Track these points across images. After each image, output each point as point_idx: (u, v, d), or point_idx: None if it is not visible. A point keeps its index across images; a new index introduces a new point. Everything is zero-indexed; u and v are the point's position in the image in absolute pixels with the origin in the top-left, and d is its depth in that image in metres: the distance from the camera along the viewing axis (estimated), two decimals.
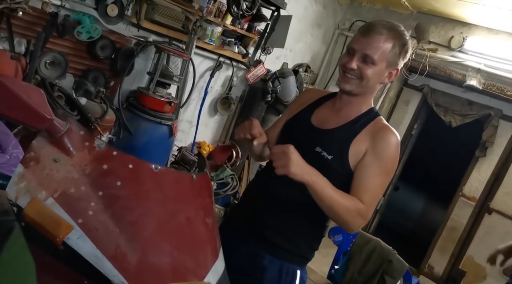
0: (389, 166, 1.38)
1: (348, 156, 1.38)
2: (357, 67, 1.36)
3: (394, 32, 1.36)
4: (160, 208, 1.02)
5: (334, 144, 1.40)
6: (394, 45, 1.35)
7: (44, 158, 0.94)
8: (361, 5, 4.99)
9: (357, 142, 1.39)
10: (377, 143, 1.37)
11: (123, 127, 3.05)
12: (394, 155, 1.38)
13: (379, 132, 1.39)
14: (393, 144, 1.38)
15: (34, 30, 2.58)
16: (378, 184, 1.37)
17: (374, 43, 1.34)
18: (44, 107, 0.94)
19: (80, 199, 0.93)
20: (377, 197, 1.38)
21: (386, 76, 1.40)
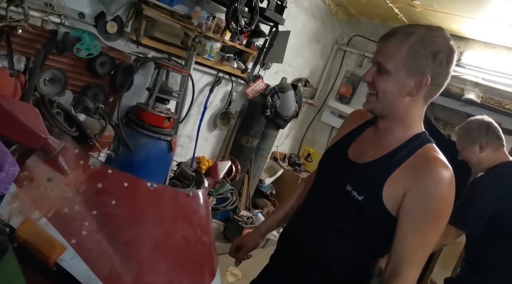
0: (441, 213, 1.10)
1: (383, 198, 1.13)
2: (372, 79, 1.17)
3: (408, 32, 1.14)
4: (156, 226, 1.01)
5: (366, 182, 1.17)
6: (411, 47, 1.12)
7: (39, 177, 0.94)
8: (359, 21, 5.03)
9: (394, 180, 1.14)
10: (419, 181, 1.10)
11: (122, 143, 3.05)
12: (445, 196, 1.10)
13: (423, 167, 1.12)
14: (443, 181, 1.09)
15: (34, 48, 2.59)
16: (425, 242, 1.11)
17: (386, 49, 1.15)
18: (39, 126, 0.94)
19: (74, 219, 0.92)
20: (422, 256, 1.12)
21: (412, 87, 1.15)
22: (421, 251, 1.11)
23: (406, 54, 1.13)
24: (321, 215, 1.24)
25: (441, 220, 1.11)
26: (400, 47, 1.13)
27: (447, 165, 1.12)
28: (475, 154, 2.11)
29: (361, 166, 1.21)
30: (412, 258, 1.11)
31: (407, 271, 1.10)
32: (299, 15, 4.42)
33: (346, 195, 1.18)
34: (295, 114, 4.57)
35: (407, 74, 1.14)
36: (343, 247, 1.21)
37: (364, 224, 1.17)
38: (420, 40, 1.13)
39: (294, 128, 5.16)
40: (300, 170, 4.93)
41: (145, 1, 2.98)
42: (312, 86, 5.14)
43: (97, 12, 2.87)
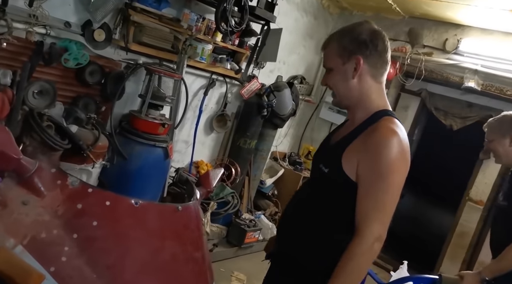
0: (387, 171, 1.23)
1: (343, 167, 1.29)
2: (325, 83, 1.40)
3: (334, 34, 1.39)
4: (141, 247, 0.94)
5: (330, 156, 1.37)
6: (338, 41, 1.34)
7: (12, 202, 0.87)
8: (351, 14, 4.96)
9: (350, 150, 1.31)
10: (367, 148, 1.26)
11: (117, 153, 2.99)
12: (389, 158, 1.23)
13: (371, 135, 1.28)
14: (387, 145, 1.23)
15: (20, 60, 2.53)
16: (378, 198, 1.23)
17: (325, 55, 1.39)
18: (9, 146, 0.88)
19: (52, 244, 0.86)
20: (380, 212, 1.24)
21: (351, 70, 1.33)
22: (374, 210, 1.23)
23: (336, 48, 1.34)
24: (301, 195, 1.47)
25: (388, 180, 1.23)
26: (332, 46, 1.36)
27: (395, 130, 1.27)
28: (504, 147, 2.14)
29: (331, 145, 1.43)
30: (368, 217, 1.23)
31: (365, 229, 1.23)
32: (290, 11, 4.35)
33: (319, 172, 1.38)
34: (293, 112, 4.50)
35: (342, 62, 1.33)
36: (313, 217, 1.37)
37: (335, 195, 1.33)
38: (342, 32, 1.36)
39: (292, 126, 5.09)
40: (301, 169, 4.86)
41: (132, 7, 2.92)
42: (309, 83, 5.07)
43: (84, 21, 2.81)
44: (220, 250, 3.65)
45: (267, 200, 4.67)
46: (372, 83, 1.36)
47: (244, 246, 3.84)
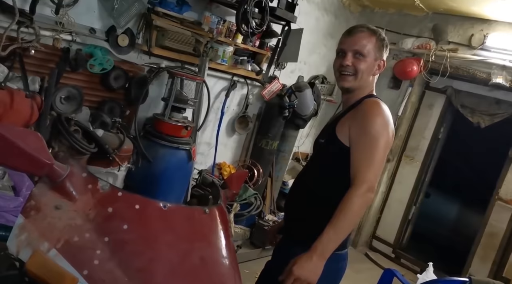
0: (372, 129, 1.46)
1: (337, 135, 1.54)
2: (351, 63, 1.54)
3: (372, 30, 1.58)
4: (171, 250, 0.95)
5: (326, 130, 1.65)
6: (376, 40, 1.56)
7: (45, 206, 0.89)
8: (373, 11, 4.89)
9: (342, 122, 1.56)
10: (354, 115, 1.53)
11: (141, 156, 3.03)
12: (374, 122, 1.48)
13: (359, 107, 1.54)
14: (372, 112, 1.50)
15: (47, 67, 2.60)
16: (367, 153, 1.45)
17: (359, 40, 1.55)
18: (42, 152, 0.90)
19: (85, 248, 0.87)
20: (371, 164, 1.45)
21: (376, 68, 1.59)
22: (366, 164, 1.45)
23: (375, 43, 1.56)
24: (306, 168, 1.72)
25: (375, 139, 1.46)
26: (371, 39, 1.56)
27: (378, 102, 1.54)
28: None
29: (328, 124, 1.70)
30: (361, 170, 1.44)
31: (359, 179, 1.43)
32: (311, 11, 4.32)
33: (318, 145, 1.65)
34: (314, 113, 4.47)
35: (375, 58, 1.57)
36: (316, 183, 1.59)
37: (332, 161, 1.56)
38: (378, 33, 1.59)
39: (314, 126, 5.05)
40: None
41: (154, 11, 2.96)
42: (330, 83, 5.02)
43: (108, 27, 2.86)
44: (244, 251, 3.65)
45: None
46: (374, 80, 1.65)
47: (268, 247, 3.83)
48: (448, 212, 6.02)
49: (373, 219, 4.87)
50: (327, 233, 1.39)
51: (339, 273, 1.67)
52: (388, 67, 4.66)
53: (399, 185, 4.81)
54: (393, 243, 4.78)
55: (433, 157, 4.73)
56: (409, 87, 4.55)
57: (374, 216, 4.87)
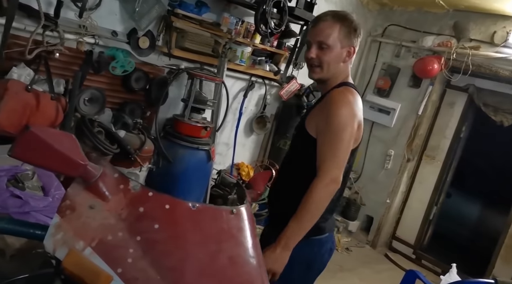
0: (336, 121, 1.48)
1: (305, 127, 1.58)
2: (316, 55, 1.54)
3: (338, 16, 1.55)
4: (200, 250, 0.96)
5: (300, 123, 1.66)
6: (341, 27, 1.53)
7: (80, 206, 0.92)
8: (392, 9, 4.83)
9: (312, 114, 1.60)
10: (323, 106, 1.54)
11: (162, 156, 3.07)
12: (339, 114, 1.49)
13: (326, 99, 1.56)
14: (337, 104, 1.50)
15: (71, 70, 2.66)
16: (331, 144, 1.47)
17: (322, 30, 1.53)
18: (77, 153, 0.92)
19: (118, 247, 0.89)
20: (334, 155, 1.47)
21: (345, 56, 1.57)
22: (330, 156, 1.46)
23: (338, 32, 1.52)
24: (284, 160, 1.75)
25: (339, 131, 1.47)
26: (334, 27, 1.52)
27: (344, 92, 1.53)
28: None
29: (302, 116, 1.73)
30: (325, 162, 1.46)
31: (323, 171, 1.46)
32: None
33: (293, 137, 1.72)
34: None
35: (341, 46, 1.54)
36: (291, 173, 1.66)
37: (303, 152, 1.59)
38: (343, 19, 1.54)
39: None
40: None
41: (174, 13, 3.00)
42: None
43: (129, 29, 2.91)
44: None
45: None
46: (348, 66, 1.63)
47: None
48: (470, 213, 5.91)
49: (392, 219, 4.81)
50: (291, 225, 1.44)
51: (323, 257, 1.69)
52: (408, 65, 4.61)
53: (420, 185, 4.75)
54: (413, 244, 4.72)
55: (454, 156, 4.65)
56: (429, 86, 4.49)
57: (394, 216, 4.82)
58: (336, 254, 4.35)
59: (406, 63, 4.65)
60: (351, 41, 1.56)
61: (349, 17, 1.57)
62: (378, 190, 4.81)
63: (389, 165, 4.76)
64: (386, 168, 4.78)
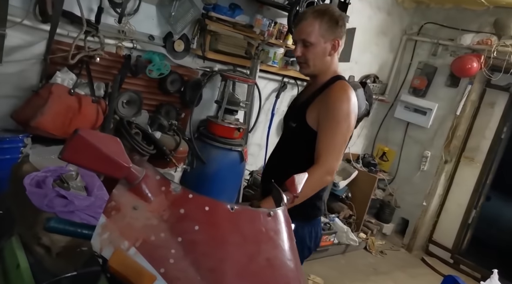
0: (338, 116, 1.57)
1: (306, 120, 1.64)
2: (301, 53, 1.63)
3: (318, 12, 1.61)
4: (239, 251, 0.98)
5: (297, 114, 1.70)
6: (321, 23, 1.59)
7: (124, 207, 0.95)
8: (428, 7, 4.70)
9: (312, 106, 1.64)
10: (323, 101, 1.61)
11: (196, 157, 3.13)
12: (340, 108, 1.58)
13: (328, 92, 1.62)
14: (339, 98, 1.58)
15: (111, 73, 2.75)
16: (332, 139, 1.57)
17: (304, 29, 1.61)
18: (121, 156, 0.95)
19: (161, 247, 0.92)
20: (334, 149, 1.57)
21: (330, 49, 1.64)
22: (331, 146, 1.56)
23: (318, 28, 1.59)
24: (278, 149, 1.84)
25: (338, 123, 1.57)
26: (314, 25, 1.59)
27: (345, 88, 1.62)
28: None
29: (297, 106, 1.75)
30: (324, 151, 1.56)
31: (321, 162, 1.55)
32: (363, 9, 4.24)
33: (289, 128, 1.74)
34: (366, 113, 4.33)
35: (324, 41, 1.62)
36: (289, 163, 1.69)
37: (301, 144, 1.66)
38: (321, 13, 1.60)
39: (366, 127, 4.95)
40: (375, 170, 4.71)
41: (208, 16, 3.04)
42: (382, 82, 4.90)
43: (165, 33, 2.98)
44: None
45: (341, 202, 4.59)
46: (335, 57, 1.70)
47: (320, 249, 3.80)
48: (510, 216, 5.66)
49: (429, 222, 4.68)
50: None
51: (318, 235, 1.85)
52: (445, 64, 4.47)
53: (458, 187, 4.60)
54: (451, 248, 4.58)
55: (495, 158, 4.46)
56: (468, 85, 4.34)
57: (431, 219, 4.68)
58: (370, 256, 4.28)
59: (444, 62, 4.52)
60: (334, 34, 1.62)
61: (329, 10, 1.63)
62: (413, 192, 4.70)
63: (426, 167, 4.64)
64: (422, 169, 4.66)
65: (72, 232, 0.99)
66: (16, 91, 2.45)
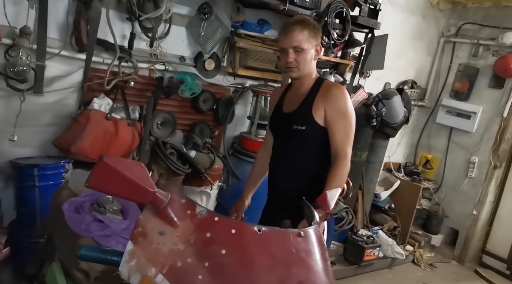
0: (347, 111, 1.80)
1: (315, 120, 1.81)
2: (293, 59, 1.80)
3: (304, 22, 1.80)
4: (269, 274, 0.94)
5: (302, 117, 1.85)
6: (308, 31, 1.79)
7: (151, 232, 0.95)
8: (465, 7, 4.51)
9: (315, 106, 1.82)
10: (329, 99, 1.81)
11: (231, 174, 3.13)
12: (345, 102, 1.81)
13: (328, 91, 1.83)
14: (341, 95, 1.81)
15: (145, 96, 2.82)
16: (346, 131, 1.79)
17: (294, 37, 1.78)
18: (146, 181, 0.96)
19: (188, 272, 0.91)
20: (349, 139, 1.80)
21: (315, 54, 1.85)
22: (345, 139, 1.79)
23: (308, 36, 1.79)
24: (286, 153, 1.94)
25: (348, 116, 1.80)
26: (303, 32, 1.78)
27: (339, 85, 1.89)
28: None
29: (295, 111, 1.89)
30: (341, 144, 1.77)
31: (342, 154, 1.75)
32: (395, 15, 4.13)
33: (295, 131, 1.86)
34: (405, 120, 4.22)
35: (311, 47, 1.82)
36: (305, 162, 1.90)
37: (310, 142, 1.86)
38: (309, 23, 1.81)
39: (406, 134, 4.78)
40: (419, 179, 4.50)
41: (237, 34, 3.07)
42: (421, 87, 4.72)
43: (195, 53, 3.03)
44: (338, 268, 3.54)
45: (384, 214, 4.42)
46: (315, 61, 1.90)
47: (364, 264, 3.67)
48: None
49: (481, 232, 4.40)
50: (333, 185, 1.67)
51: None
52: (488, 65, 4.26)
53: (510, 194, 4.30)
54: (507, 259, 4.27)
55: None
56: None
57: (482, 228, 4.40)
58: (419, 270, 4.07)
59: (486, 63, 4.30)
60: (317, 41, 1.83)
61: (311, 20, 1.84)
62: (462, 201, 4.45)
63: (473, 173, 4.39)
64: (470, 176, 4.41)
65: (102, 259, 1.00)
66: (57, 119, 2.56)
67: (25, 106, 2.36)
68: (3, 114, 2.39)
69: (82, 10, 2.42)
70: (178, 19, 2.87)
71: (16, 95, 2.35)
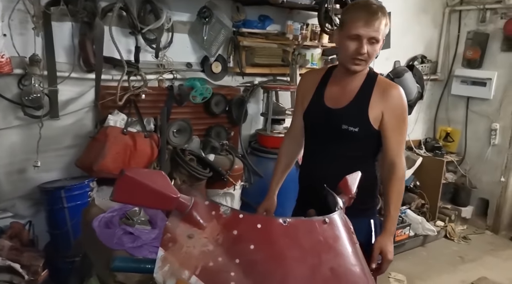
0: (405, 115, 1.67)
1: (371, 123, 1.63)
2: (367, 50, 1.55)
3: (383, 10, 1.56)
4: (300, 265, 0.95)
5: (355, 117, 1.64)
6: (386, 21, 1.56)
7: (180, 237, 0.97)
8: None
9: (372, 107, 1.63)
10: (388, 102, 1.63)
11: (252, 172, 3.15)
12: (404, 105, 1.66)
13: (386, 91, 1.64)
14: (401, 97, 1.65)
15: (158, 107, 2.86)
16: (404, 137, 1.70)
17: (377, 26, 1.53)
18: (168, 188, 0.98)
19: (220, 272, 0.92)
20: (404, 145, 1.73)
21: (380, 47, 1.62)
22: (402, 144, 1.70)
23: (385, 26, 1.56)
24: (329, 153, 1.72)
25: (406, 121, 1.68)
26: (383, 22, 1.54)
27: (397, 85, 1.68)
28: None
29: (345, 108, 1.67)
30: (398, 151, 1.66)
31: (399, 160, 1.65)
32: None
33: (345, 132, 1.65)
34: (419, 96, 4.15)
35: (383, 37, 1.59)
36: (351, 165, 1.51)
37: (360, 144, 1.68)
38: (385, 12, 1.56)
39: (422, 110, 4.70)
40: (442, 153, 4.43)
41: (239, 33, 3.09)
42: (431, 61, 4.64)
43: (201, 58, 3.06)
44: None
45: (410, 193, 4.37)
46: None
47: (396, 244, 3.63)
48: None
49: None
50: (394, 214, 1.63)
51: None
52: (497, 29, 4.16)
53: None
54: None
55: None
56: None
57: None
58: (453, 244, 4.02)
59: (495, 27, 4.20)
60: (384, 35, 1.59)
61: (383, 10, 1.57)
62: (488, 170, 4.36)
63: (496, 140, 4.30)
64: (493, 144, 4.32)
65: (135, 268, 1.02)
66: (76, 140, 2.63)
67: (44, 131, 2.43)
68: (25, 142, 2.46)
69: (86, 30, 2.48)
70: (180, 27, 2.91)
71: (34, 122, 2.42)
